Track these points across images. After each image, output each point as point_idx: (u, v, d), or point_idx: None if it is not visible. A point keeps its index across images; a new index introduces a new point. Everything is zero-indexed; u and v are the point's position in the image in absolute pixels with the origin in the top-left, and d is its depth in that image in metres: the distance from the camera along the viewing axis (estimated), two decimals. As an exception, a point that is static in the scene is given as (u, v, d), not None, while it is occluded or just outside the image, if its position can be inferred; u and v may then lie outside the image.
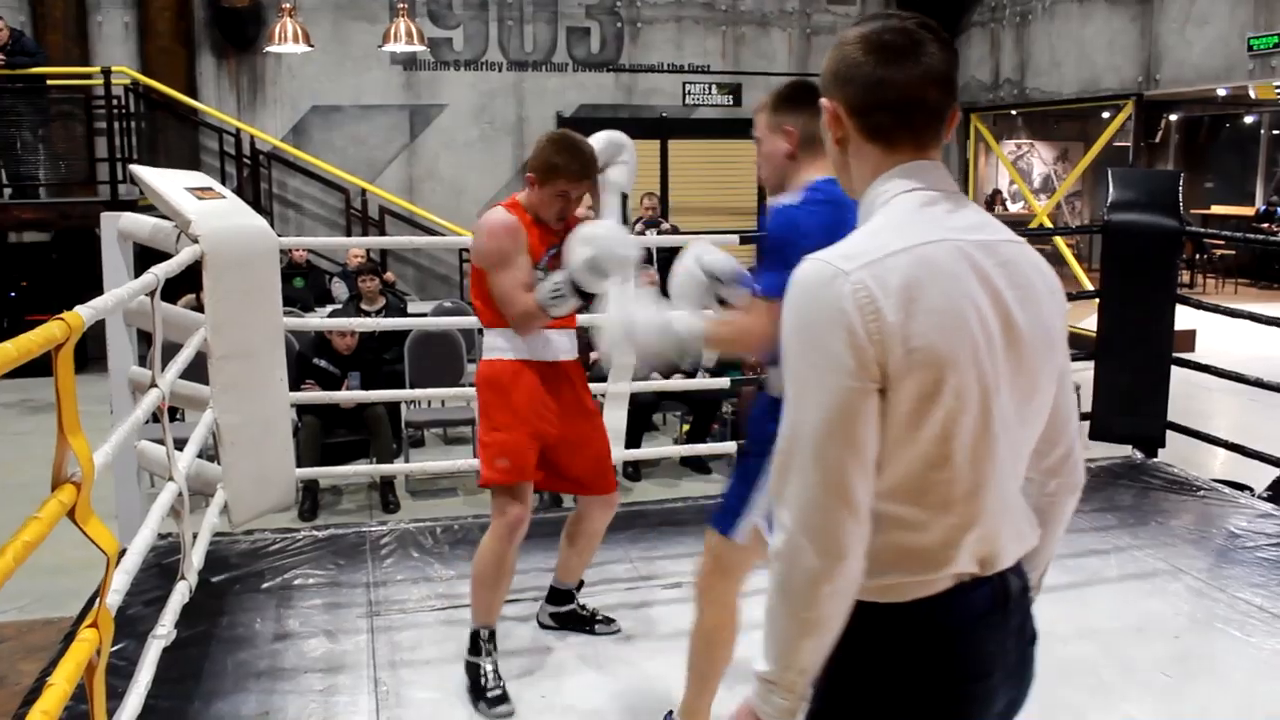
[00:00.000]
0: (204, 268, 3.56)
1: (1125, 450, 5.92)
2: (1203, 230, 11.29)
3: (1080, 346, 6.80)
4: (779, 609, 1.44)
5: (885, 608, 1.48)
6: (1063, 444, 1.65)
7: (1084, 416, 6.30)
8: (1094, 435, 6.03)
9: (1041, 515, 1.66)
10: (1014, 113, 13.64)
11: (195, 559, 3.32)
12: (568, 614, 3.86)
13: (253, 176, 11.35)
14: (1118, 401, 5.81)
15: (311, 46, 9.59)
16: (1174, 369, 5.71)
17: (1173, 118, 16.57)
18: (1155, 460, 5.81)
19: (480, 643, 3.43)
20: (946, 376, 1.40)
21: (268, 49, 9.91)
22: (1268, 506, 5.31)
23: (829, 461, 1.39)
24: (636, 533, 4.75)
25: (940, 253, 1.44)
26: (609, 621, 3.87)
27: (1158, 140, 16.20)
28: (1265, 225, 16.15)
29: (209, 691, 3.39)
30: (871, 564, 1.44)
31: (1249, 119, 17.41)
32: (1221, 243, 15.49)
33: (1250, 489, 5.67)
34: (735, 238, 5.76)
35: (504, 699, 3.33)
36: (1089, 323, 6.01)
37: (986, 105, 12.89)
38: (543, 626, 3.87)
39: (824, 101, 1.57)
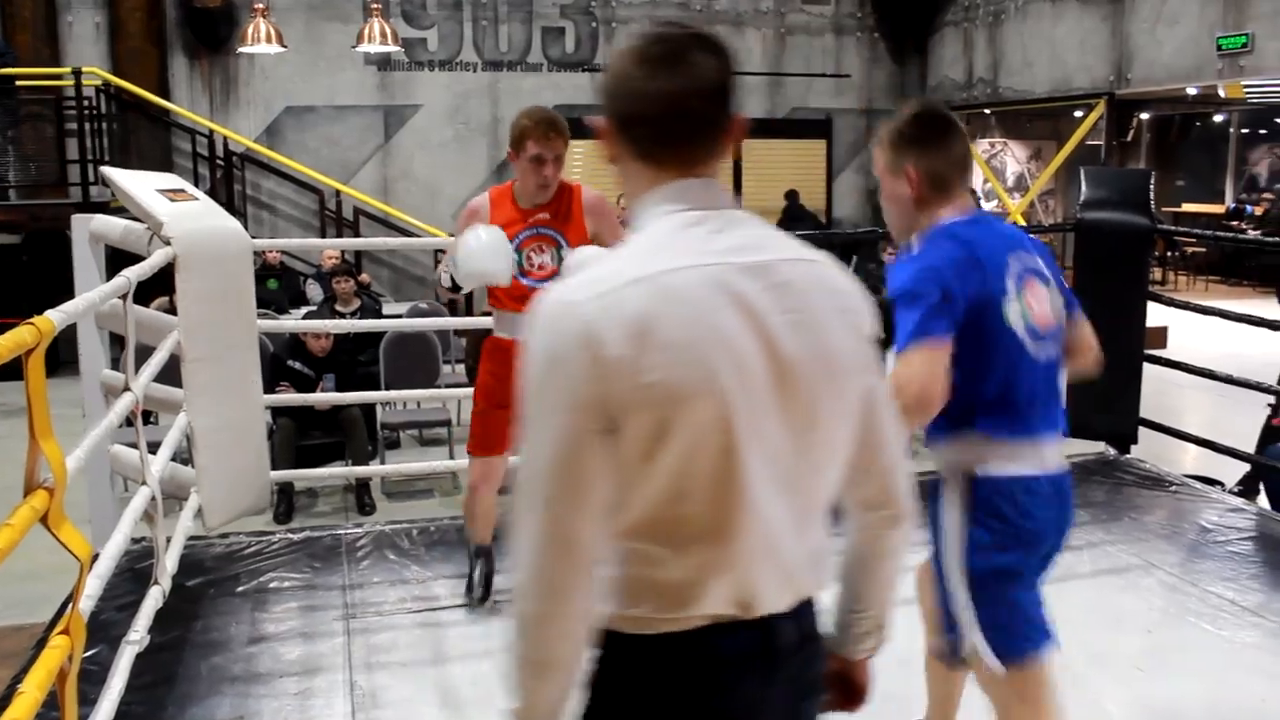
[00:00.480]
0: (176, 270, 3.54)
1: (1099, 447, 5.96)
2: (1174, 228, 11.39)
3: (1053, 344, 6.87)
4: (512, 650, 1.40)
5: (636, 639, 1.41)
6: (877, 474, 1.54)
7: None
8: (1068, 432, 6.08)
9: (865, 550, 1.59)
10: (987, 112, 13.70)
11: (169, 563, 3.30)
12: None
13: (226, 178, 11.29)
14: (1091, 399, 5.84)
15: (284, 47, 9.54)
16: (1146, 366, 5.76)
17: (1144, 117, 16.70)
18: (1128, 457, 5.86)
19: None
20: (680, 412, 1.31)
21: (240, 49, 9.86)
22: (1238, 501, 5.37)
23: (552, 505, 1.33)
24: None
25: (685, 280, 1.34)
26: None
27: (1130, 139, 16.31)
28: (1235, 223, 16.31)
29: (182, 696, 3.37)
30: (621, 595, 1.39)
31: (1219, 118, 17.58)
32: (1193, 240, 15.64)
33: (1221, 484, 5.73)
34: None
35: None
36: (1062, 320, 6.04)
37: (960, 104, 12.96)
38: None
39: (596, 118, 1.47)
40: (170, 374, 3.67)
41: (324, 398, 5.94)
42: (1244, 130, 17.93)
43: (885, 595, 1.63)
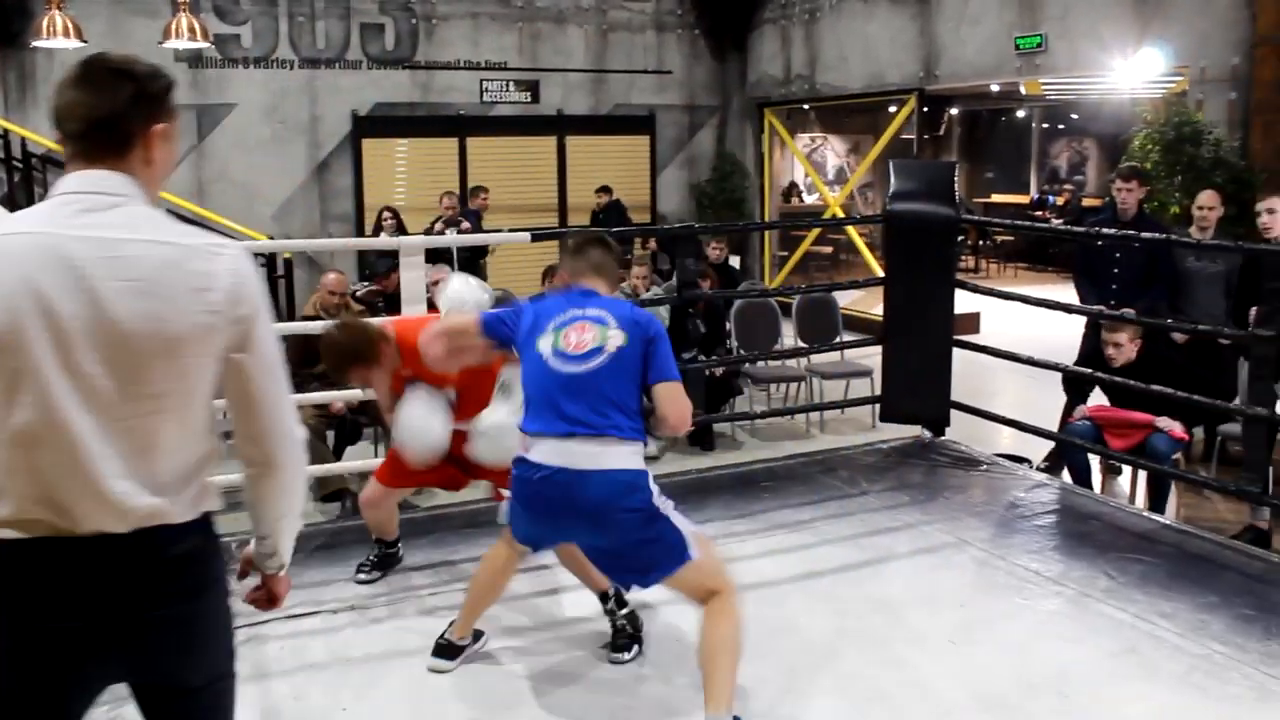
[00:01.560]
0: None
1: (915, 430, 6.19)
2: (976, 218, 11.89)
3: (871, 332, 7.10)
4: None
5: None
6: (250, 436, 1.89)
7: (874, 399, 6.58)
8: (883, 416, 6.31)
9: (251, 495, 1.96)
10: (806, 107, 14.08)
11: None
12: None
13: (25, 181, 10.67)
14: (905, 383, 6.08)
15: (85, 41, 9.04)
16: (957, 350, 6.01)
17: (954, 112, 17.45)
18: (942, 439, 6.11)
19: None
20: None
21: (35, 44, 9.33)
22: (1042, 477, 5.67)
23: None
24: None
25: (18, 243, 1.72)
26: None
27: (941, 133, 17.03)
28: (1039, 213, 17.18)
29: None
30: None
31: (1021, 113, 18.49)
32: (1002, 229, 16.40)
33: (1029, 461, 6.03)
34: (528, 235, 5.79)
35: None
36: (880, 309, 6.26)
37: (779, 100, 13.27)
38: None
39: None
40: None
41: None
42: (1044, 125, 18.91)
43: (276, 528, 2.00)
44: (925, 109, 11.86)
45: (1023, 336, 7.36)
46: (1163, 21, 8.64)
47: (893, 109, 12.35)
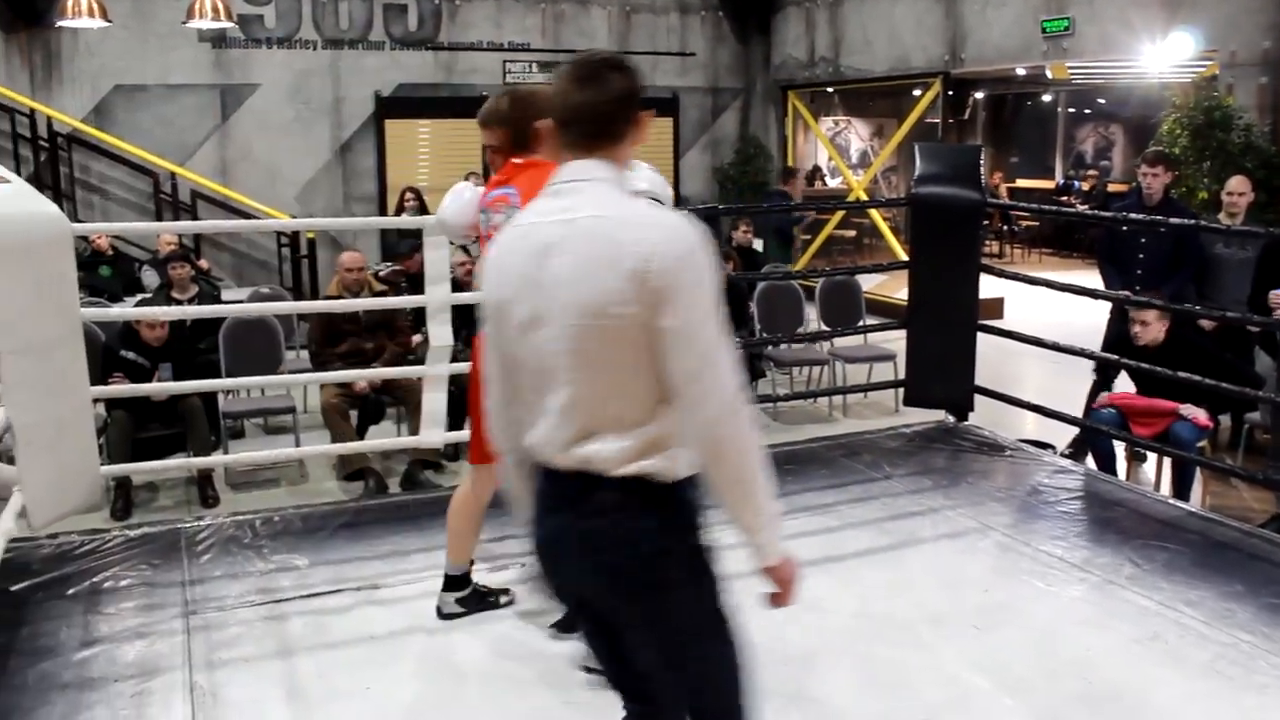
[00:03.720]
0: (-13, 257, 3.35)
1: (939, 415, 6.17)
2: (1003, 202, 11.82)
3: (895, 316, 7.06)
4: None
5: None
6: (670, 381, 1.92)
7: (897, 383, 6.55)
8: (907, 401, 6.28)
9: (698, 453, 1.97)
10: (830, 90, 13.99)
11: (-12, 567, 3.13)
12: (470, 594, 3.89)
13: (51, 160, 10.72)
14: (928, 368, 6.05)
15: (109, 21, 9.09)
16: (981, 335, 5.97)
17: (979, 96, 17.30)
18: (966, 423, 6.08)
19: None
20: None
21: (61, 23, 9.36)
22: (1067, 463, 5.63)
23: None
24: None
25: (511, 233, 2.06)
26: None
27: (966, 117, 16.90)
28: (1064, 198, 17.03)
29: (7, 708, 3.20)
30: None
31: (1047, 97, 18.32)
32: (1027, 215, 16.28)
33: (1053, 447, 5.99)
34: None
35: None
36: (904, 293, 6.23)
37: (803, 83, 13.19)
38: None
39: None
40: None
41: (160, 388, 5.70)
42: (1070, 110, 18.73)
43: (720, 480, 1.96)
44: (950, 93, 11.77)
45: (1047, 322, 7.32)
46: (1192, 4, 8.54)
47: (917, 92, 12.25)
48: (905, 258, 7.62)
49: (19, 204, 3.56)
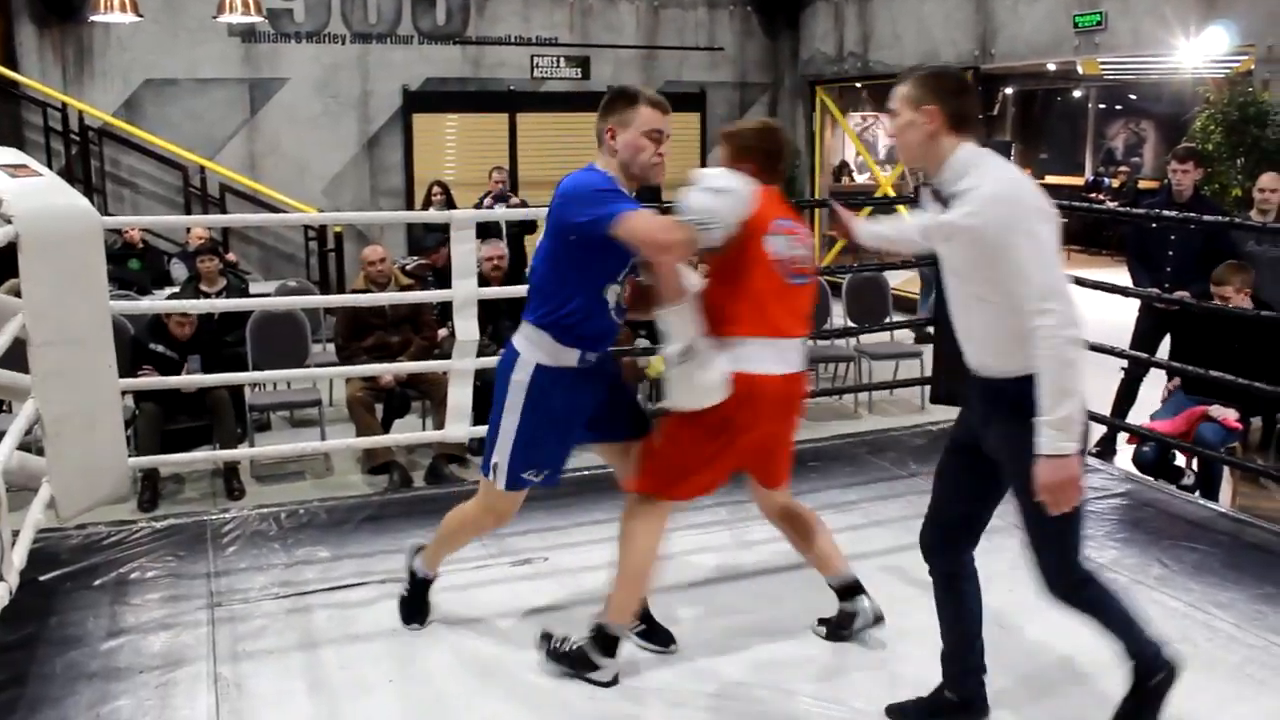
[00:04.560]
0: (20, 250, 3.38)
1: (965, 413, 6.12)
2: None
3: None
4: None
5: None
6: None
7: (924, 381, 6.52)
8: (934, 398, 6.25)
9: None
10: (858, 85, 13.93)
11: (16, 558, 3.16)
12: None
13: (82, 154, 10.81)
14: (955, 365, 5.98)
15: (140, 16, 9.17)
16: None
17: (1009, 91, 17.18)
18: (993, 422, 6.02)
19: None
20: None
21: (93, 18, 9.44)
22: (1095, 462, 5.57)
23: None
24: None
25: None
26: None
27: (995, 113, 16.78)
28: (1094, 194, 16.89)
29: (35, 697, 3.23)
30: None
31: (1078, 93, 18.16)
32: (1055, 211, 16.09)
33: (1080, 446, 5.93)
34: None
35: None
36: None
37: (831, 78, 13.13)
38: None
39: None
40: (19, 360, 3.51)
41: (188, 380, 5.74)
42: (1101, 105, 18.57)
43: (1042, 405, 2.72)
44: (980, 88, 11.67)
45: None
46: (1228, -1, 8.44)
47: (946, 88, 12.16)
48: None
49: (51, 198, 3.58)
